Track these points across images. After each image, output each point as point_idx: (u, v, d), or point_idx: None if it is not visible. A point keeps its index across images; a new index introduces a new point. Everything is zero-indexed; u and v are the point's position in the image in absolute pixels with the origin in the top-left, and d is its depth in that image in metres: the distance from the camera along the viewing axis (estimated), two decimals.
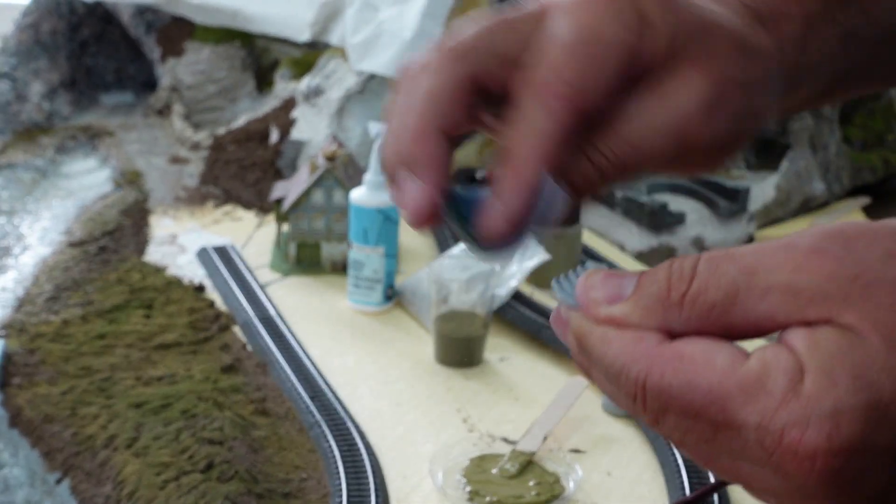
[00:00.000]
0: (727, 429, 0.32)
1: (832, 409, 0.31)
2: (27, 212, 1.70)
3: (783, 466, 0.31)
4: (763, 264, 0.32)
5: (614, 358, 0.34)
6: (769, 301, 0.32)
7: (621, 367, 0.34)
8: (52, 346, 1.22)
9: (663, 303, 0.33)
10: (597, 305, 0.35)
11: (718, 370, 0.32)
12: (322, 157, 1.43)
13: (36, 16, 2.13)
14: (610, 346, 0.34)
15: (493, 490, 0.97)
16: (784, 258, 0.32)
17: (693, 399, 0.32)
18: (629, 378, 0.33)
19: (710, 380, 0.32)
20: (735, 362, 0.32)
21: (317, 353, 1.23)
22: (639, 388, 0.33)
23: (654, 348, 0.33)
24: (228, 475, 0.97)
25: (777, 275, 0.32)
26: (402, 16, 1.72)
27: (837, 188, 1.77)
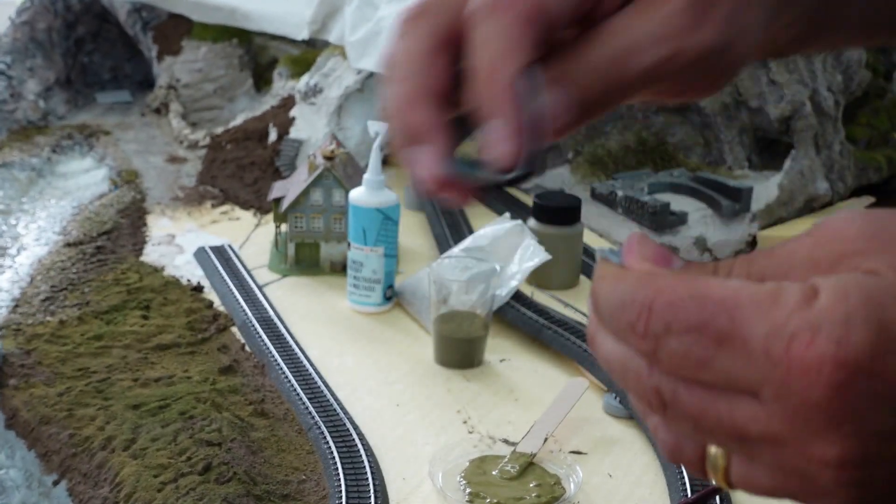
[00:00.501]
0: (732, 341, 0.31)
1: (844, 317, 0.30)
2: (23, 211, 1.69)
3: (787, 380, 0.31)
4: (787, 249, 0.34)
5: (624, 289, 0.34)
6: (792, 276, 0.33)
7: (630, 293, 0.33)
8: (49, 347, 1.21)
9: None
10: (643, 261, 0.35)
11: (732, 286, 0.32)
12: (321, 157, 1.42)
13: (31, 13, 2.12)
14: (624, 280, 0.34)
15: (494, 492, 0.97)
16: (806, 238, 0.34)
17: (702, 308, 0.32)
18: (636, 301, 0.33)
19: (723, 292, 0.32)
20: (749, 285, 0.32)
21: (316, 354, 1.22)
22: (644, 309, 0.33)
23: (667, 277, 0.33)
24: (227, 477, 0.96)
25: (799, 253, 0.33)
26: None
27: (841, 187, 1.76)
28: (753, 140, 1.82)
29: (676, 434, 0.36)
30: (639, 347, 0.33)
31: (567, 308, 1.34)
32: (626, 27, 0.39)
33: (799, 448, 0.32)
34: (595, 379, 1.15)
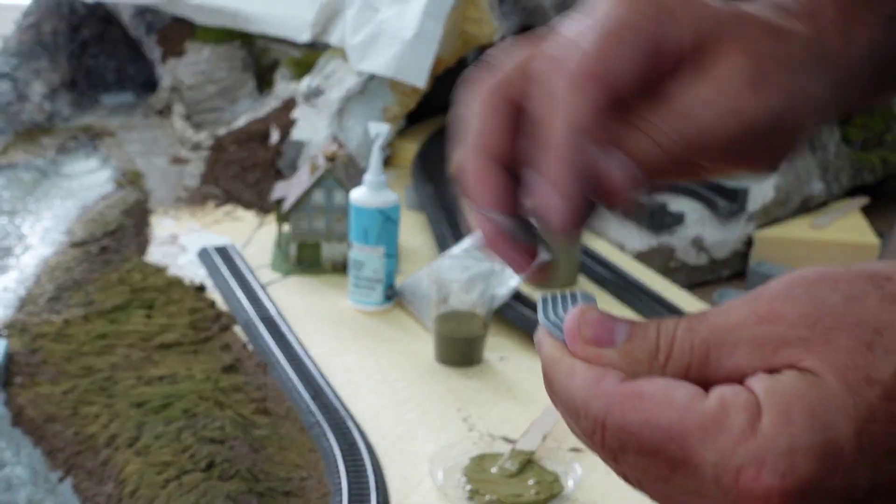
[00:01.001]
0: (685, 467, 0.32)
1: (788, 448, 0.31)
2: (28, 212, 1.70)
3: (745, 502, 0.32)
4: (731, 321, 0.33)
5: (576, 392, 0.34)
6: (737, 355, 0.33)
7: (582, 403, 0.34)
8: (54, 346, 1.23)
9: (651, 361, 0.34)
10: (584, 343, 0.35)
11: (678, 407, 0.32)
12: (322, 158, 1.43)
13: (37, 16, 2.14)
14: (574, 379, 0.35)
15: (493, 489, 0.98)
16: (749, 312, 0.33)
17: (653, 436, 0.32)
18: (589, 414, 0.34)
19: (670, 417, 0.32)
20: (694, 399, 0.32)
21: (317, 353, 1.23)
22: (598, 426, 0.34)
23: (615, 386, 0.34)
24: (229, 474, 0.97)
25: (743, 329, 0.33)
26: (402, 16, 1.73)
27: (836, 188, 1.77)
28: None
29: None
30: (599, 453, 0.35)
31: None
32: (689, 91, 0.39)
33: None
34: None
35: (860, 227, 1.58)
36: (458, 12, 1.74)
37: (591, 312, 0.36)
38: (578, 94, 0.37)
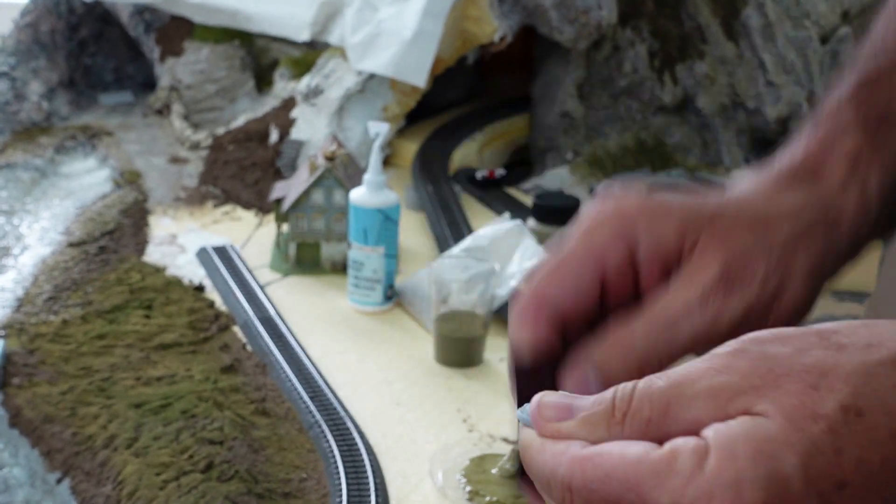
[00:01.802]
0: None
1: (733, 480, 0.32)
2: (26, 212, 1.70)
3: None
4: (689, 376, 0.35)
5: (545, 464, 0.36)
6: (696, 407, 0.34)
7: (551, 472, 0.36)
8: (52, 347, 1.22)
9: (608, 421, 0.36)
10: (546, 422, 0.37)
11: (632, 460, 0.34)
12: (322, 157, 1.43)
13: (34, 15, 2.13)
14: (543, 454, 0.37)
15: (493, 490, 0.97)
16: (707, 367, 0.35)
17: (611, 489, 0.34)
18: (557, 481, 0.36)
19: (625, 469, 0.34)
20: (647, 451, 0.34)
21: (317, 353, 1.23)
22: (566, 490, 0.35)
23: (577, 452, 0.35)
24: (228, 475, 0.97)
25: (700, 382, 0.34)
26: (402, 15, 1.72)
27: None
28: (751, 141, 1.83)
29: None
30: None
31: None
32: (667, 301, 0.43)
33: None
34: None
35: None
36: (458, 11, 1.74)
37: (549, 396, 0.38)
38: (527, 320, 0.43)
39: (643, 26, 1.87)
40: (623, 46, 1.86)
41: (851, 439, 0.32)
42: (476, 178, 1.77)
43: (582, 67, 1.87)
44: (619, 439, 0.35)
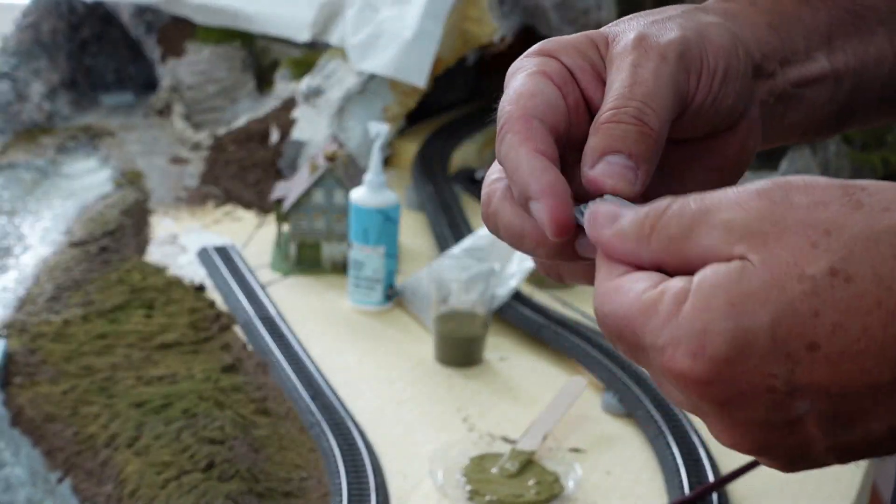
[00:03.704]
0: (638, 348, 0.36)
1: (700, 330, 0.34)
2: (28, 212, 1.70)
3: (672, 383, 0.35)
4: (718, 204, 0.35)
5: (595, 290, 0.39)
6: (713, 235, 0.35)
7: (593, 299, 0.38)
8: (54, 346, 1.22)
9: (637, 233, 0.37)
10: (594, 229, 0.39)
11: (630, 296, 0.36)
12: (322, 158, 1.43)
13: (36, 16, 2.13)
14: (595, 278, 0.39)
15: (493, 489, 0.98)
16: (735, 198, 0.35)
17: (615, 323, 0.37)
18: (594, 307, 0.38)
19: (623, 306, 0.36)
20: (645, 290, 0.36)
21: (317, 353, 1.23)
22: (597, 316, 0.38)
23: (605, 282, 0.38)
24: (229, 474, 0.97)
25: (723, 213, 0.35)
26: (403, 16, 1.73)
27: None
28: None
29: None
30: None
31: (566, 307, 1.35)
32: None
33: (713, 428, 0.36)
34: (594, 377, 1.16)
35: None
36: (458, 12, 1.74)
37: (602, 205, 0.39)
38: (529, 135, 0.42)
39: None
40: None
41: (833, 304, 0.33)
42: (476, 178, 1.77)
43: None
44: (644, 252, 0.37)
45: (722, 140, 0.46)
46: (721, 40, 0.45)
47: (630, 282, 0.37)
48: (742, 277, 0.34)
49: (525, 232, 0.42)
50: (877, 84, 0.50)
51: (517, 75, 0.44)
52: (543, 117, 0.42)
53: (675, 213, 0.36)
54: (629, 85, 0.42)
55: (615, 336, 0.37)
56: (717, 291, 0.34)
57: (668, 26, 0.44)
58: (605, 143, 0.41)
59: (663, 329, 0.35)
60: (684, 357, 0.34)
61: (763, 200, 0.35)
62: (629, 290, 0.36)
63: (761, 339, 0.33)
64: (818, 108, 0.49)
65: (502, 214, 0.43)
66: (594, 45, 0.45)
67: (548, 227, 0.40)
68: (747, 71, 0.45)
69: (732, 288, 0.34)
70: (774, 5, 0.48)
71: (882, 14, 0.49)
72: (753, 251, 0.34)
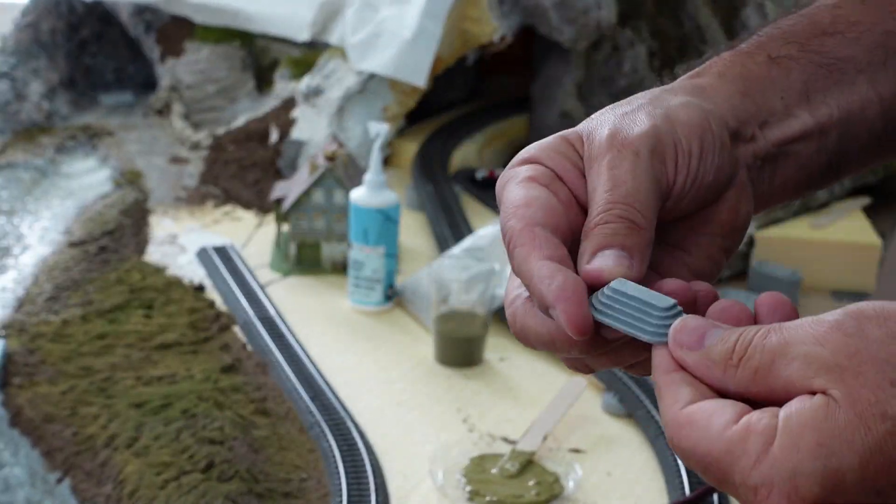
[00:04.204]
0: (726, 483, 0.37)
1: (791, 472, 0.35)
2: (27, 211, 1.70)
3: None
4: (797, 336, 0.37)
5: (661, 406, 0.40)
6: (793, 368, 0.37)
7: (663, 416, 0.40)
8: (53, 346, 1.22)
9: (725, 363, 0.39)
10: (678, 347, 0.40)
11: (713, 434, 0.37)
12: (322, 157, 1.43)
13: (35, 15, 2.13)
14: (660, 398, 0.40)
15: (493, 489, 0.97)
16: (811, 331, 0.37)
17: (698, 460, 0.38)
18: (667, 436, 0.40)
19: (706, 442, 0.37)
20: (728, 426, 0.37)
21: (317, 353, 1.23)
22: (673, 448, 0.40)
23: (677, 413, 0.39)
24: (229, 475, 0.97)
25: (802, 346, 0.37)
26: (402, 15, 1.72)
27: (838, 188, 1.76)
28: None
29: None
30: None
31: None
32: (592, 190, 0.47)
33: None
34: (594, 378, 1.16)
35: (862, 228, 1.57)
36: (457, 11, 1.74)
37: (692, 320, 0.41)
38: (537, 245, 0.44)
39: (643, 26, 1.87)
40: (623, 46, 1.86)
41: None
42: (476, 178, 1.77)
43: (581, 67, 1.87)
44: (731, 382, 0.38)
45: (714, 209, 0.48)
46: (691, 119, 0.46)
47: (705, 414, 0.38)
48: (828, 416, 0.35)
49: (554, 337, 0.43)
50: (864, 130, 0.51)
51: (508, 186, 0.46)
52: (544, 222, 0.44)
53: (758, 347, 0.38)
54: (610, 189, 0.44)
55: (699, 469, 0.38)
56: (804, 431, 0.35)
57: (638, 118, 0.46)
58: (597, 242, 0.43)
59: (753, 470, 0.36)
60: (779, 498, 0.35)
61: (837, 333, 0.36)
62: (709, 426, 0.37)
63: (851, 478, 0.35)
64: (807, 163, 0.50)
65: (530, 328, 0.45)
66: (571, 145, 0.47)
67: (569, 330, 0.41)
68: (724, 141, 0.47)
69: (819, 426, 0.35)
70: (743, 72, 0.49)
71: (860, 64, 0.50)
72: (834, 385, 0.35)
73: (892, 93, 0.51)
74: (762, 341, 0.38)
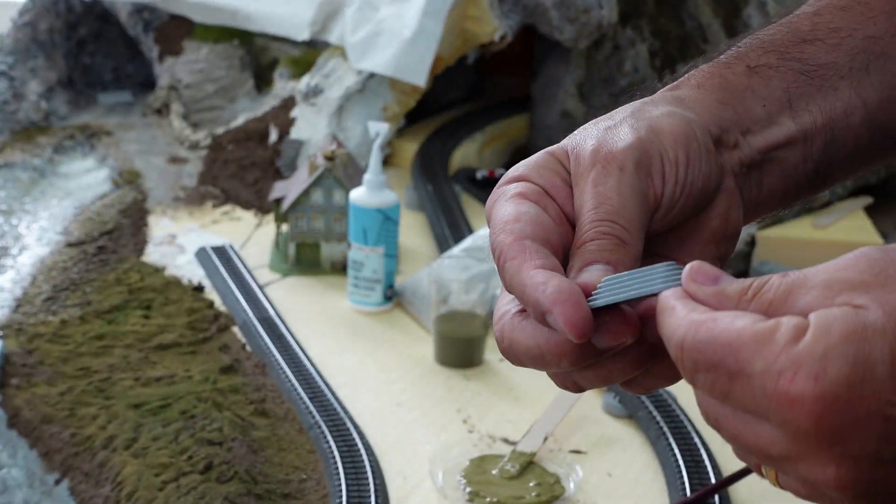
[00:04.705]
0: (740, 377, 0.36)
1: (822, 353, 0.34)
2: (25, 212, 1.69)
3: (780, 412, 0.35)
4: (816, 271, 0.37)
5: (670, 324, 0.39)
6: (811, 294, 0.37)
7: (672, 331, 0.39)
8: (51, 347, 1.22)
9: (740, 296, 0.38)
10: (691, 282, 0.40)
11: (739, 327, 0.37)
12: (321, 157, 1.42)
13: (33, 14, 2.13)
14: (673, 314, 0.39)
15: (493, 491, 0.97)
16: (833, 265, 0.37)
17: (715, 351, 0.37)
18: (675, 339, 0.38)
19: (730, 334, 0.37)
20: (754, 322, 0.37)
21: (316, 354, 1.23)
22: (679, 350, 0.38)
23: (696, 316, 0.38)
24: (228, 476, 0.96)
25: (821, 275, 0.37)
26: (402, 14, 1.72)
27: (839, 188, 1.76)
28: None
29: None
30: (684, 377, 0.39)
31: None
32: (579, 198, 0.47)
33: (807, 468, 0.36)
34: None
35: (863, 227, 1.57)
36: (458, 10, 1.73)
37: (705, 264, 0.40)
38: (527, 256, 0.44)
39: (644, 26, 1.86)
40: (624, 46, 1.86)
41: None
42: (476, 178, 1.77)
43: (582, 67, 1.87)
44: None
45: (705, 217, 0.48)
46: (675, 128, 0.46)
47: (731, 316, 0.37)
48: (858, 314, 0.35)
49: (544, 350, 0.43)
50: (849, 137, 0.51)
51: (498, 203, 0.46)
52: (533, 236, 0.44)
53: (774, 283, 0.38)
54: (594, 207, 0.44)
55: (710, 363, 0.37)
56: (835, 322, 0.35)
57: (622, 132, 0.46)
58: (584, 259, 0.43)
59: (781, 354, 0.35)
60: (806, 379, 0.35)
61: (861, 260, 0.37)
62: (733, 322, 0.37)
63: (880, 366, 0.34)
64: (793, 171, 0.50)
65: (518, 342, 0.44)
66: (558, 161, 0.47)
67: (568, 333, 0.41)
68: (709, 148, 0.47)
69: (851, 320, 0.35)
70: (721, 82, 0.50)
71: (843, 70, 0.50)
72: (860, 297, 0.35)
73: (876, 98, 0.51)
74: (778, 279, 0.38)
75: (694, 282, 0.40)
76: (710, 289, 0.39)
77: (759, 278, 0.39)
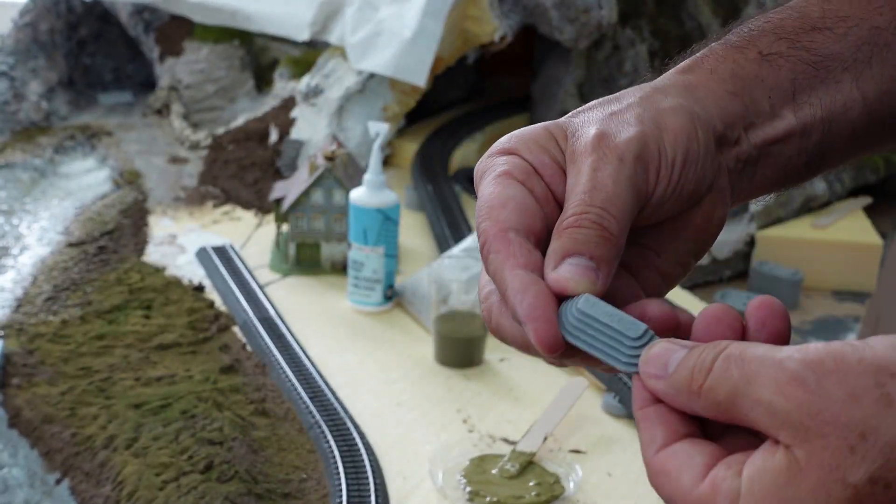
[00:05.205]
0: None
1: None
2: (26, 212, 1.70)
3: None
4: (759, 377, 0.38)
5: (643, 456, 0.41)
6: (756, 412, 0.37)
7: (646, 466, 0.41)
8: (51, 347, 1.22)
9: (687, 389, 0.40)
10: (648, 378, 0.41)
11: (684, 489, 0.39)
12: (321, 157, 1.43)
13: (34, 15, 2.13)
14: (640, 440, 0.41)
15: (493, 490, 0.97)
16: (774, 377, 0.37)
17: (669, 497, 0.39)
18: (648, 476, 0.41)
19: (681, 498, 0.39)
20: (696, 482, 0.39)
21: (316, 354, 1.23)
22: (647, 471, 0.41)
23: (653, 458, 0.40)
24: (228, 475, 0.96)
25: (765, 391, 0.37)
26: (402, 15, 1.72)
27: (839, 188, 1.76)
28: None
29: None
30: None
31: None
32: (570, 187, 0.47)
33: None
34: (594, 378, 1.16)
35: (863, 227, 1.57)
36: (458, 11, 1.73)
37: (655, 348, 0.41)
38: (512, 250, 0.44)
39: (643, 26, 1.86)
40: (623, 46, 1.86)
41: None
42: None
43: (582, 67, 1.87)
44: (697, 407, 0.39)
45: (689, 215, 0.48)
46: (679, 128, 0.46)
47: (676, 464, 0.39)
48: (790, 481, 0.36)
49: (528, 342, 0.44)
50: (847, 129, 0.51)
51: (485, 179, 0.46)
52: (518, 226, 0.44)
53: (720, 381, 0.38)
54: (589, 191, 0.44)
55: (666, 499, 0.40)
56: (766, 496, 0.36)
57: (626, 120, 0.46)
58: (567, 247, 0.43)
59: None
60: None
61: (799, 389, 0.37)
62: (679, 480, 0.39)
63: None
64: (787, 162, 0.50)
65: (504, 328, 0.45)
66: (553, 138, 0.47)
67: (538, 348, 0.42)
68: (709, 149, 0.47)
69: (781, 493, 0.36)
70: (735, 69, 0.50)
71: (846, 62, 0.50)
72: (798, 445, 0.36)
73: (875, 91, 0.51)
74: (724, 373, 0.38)
75: (648, 378, 0.41)
76: (663, 384, 0.40)
77: (699, 359, 0.39)
